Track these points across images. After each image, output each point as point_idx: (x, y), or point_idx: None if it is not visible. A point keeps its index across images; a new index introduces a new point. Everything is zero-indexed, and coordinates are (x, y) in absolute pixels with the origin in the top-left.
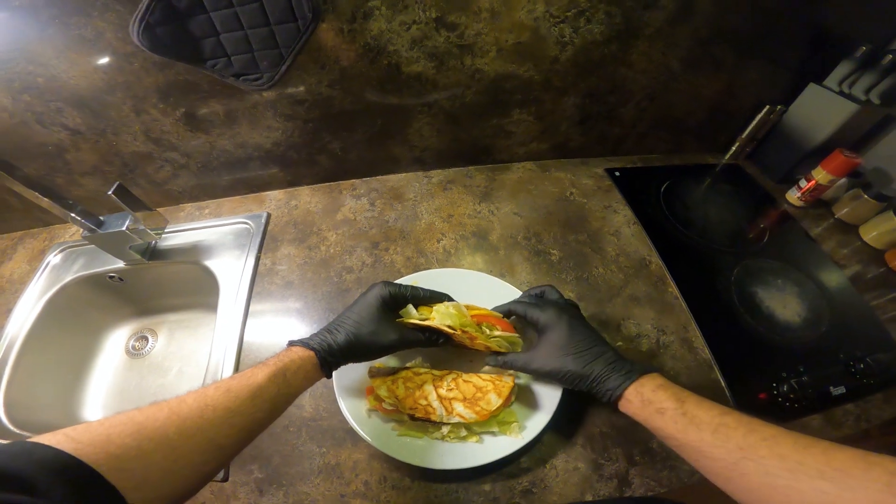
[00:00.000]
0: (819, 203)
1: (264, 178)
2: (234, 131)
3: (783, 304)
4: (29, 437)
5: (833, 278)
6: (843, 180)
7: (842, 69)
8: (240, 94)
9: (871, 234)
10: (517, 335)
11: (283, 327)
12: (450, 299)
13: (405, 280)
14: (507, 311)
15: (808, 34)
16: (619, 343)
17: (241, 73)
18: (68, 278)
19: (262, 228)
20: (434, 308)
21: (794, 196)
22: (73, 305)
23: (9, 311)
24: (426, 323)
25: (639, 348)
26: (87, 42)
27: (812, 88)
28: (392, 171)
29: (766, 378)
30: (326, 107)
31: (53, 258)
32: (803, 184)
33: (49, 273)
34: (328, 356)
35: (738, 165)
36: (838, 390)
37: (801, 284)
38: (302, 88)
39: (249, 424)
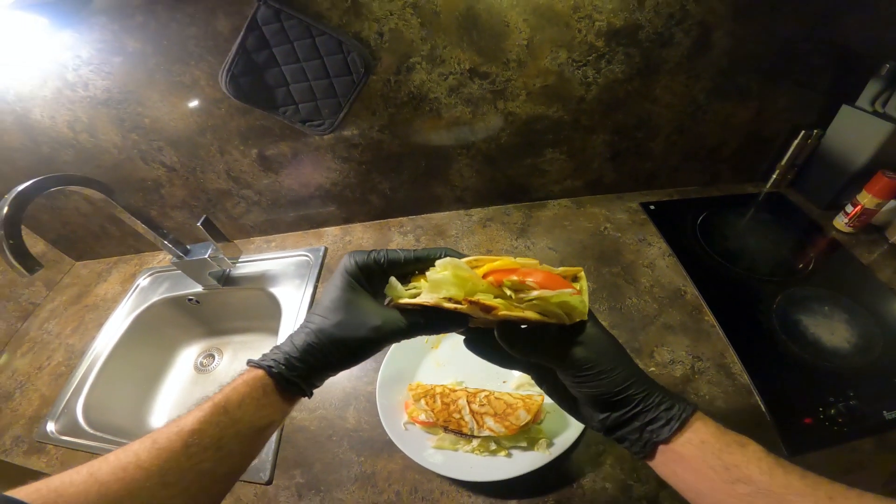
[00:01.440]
0: (871, 228)
1: (323, 216)
2: (299, 171)
3: (830, 331)
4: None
5: (887, 303)
6: (894, 203)
7: (871, 88)
8: (304, 138)
9: None
10: (576, 291)
11: None
12: (450, 255)
13: None
14: None
15: (831, 55)
16: (653, 369)
17: (307, 119)
18: (154, 299)
19: (320, 261)
20: (426, 275)
21: (841, 222)
22: (156, 323)
23: (100, 325)
24: (416, 301)
25: (672, 374)
26: (185, 88)
27: (846, 110)
28: (435, 210)
29: (812, 403)
30: (377, 150)
31: (143, 281)
32: (849, 209)
33: (138, 294)
34: (288, 371)
35: (781, 194)
36: (892, 414)
37: (850, 311)
38: (356, 132)
39: (194, 478)
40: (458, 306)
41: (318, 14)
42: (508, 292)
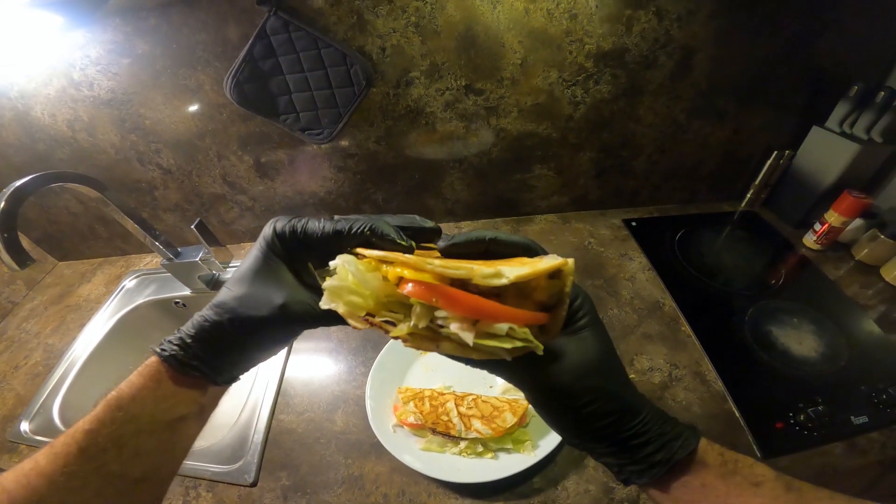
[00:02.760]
0: (838, 246)
1: None
2: (295, 179)
3: (799, 341)
4: None
5: (852, 316)
6: (860, 221)
7: (840, 110)
8: (302, 146)
9: (893, 273)
10: (524, 321)
11: (322, 364)
12: (376, 233)
13: None
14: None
15: (804, 78)
16: (632, 376)
17: (307, 127)
18: (140, 301)
19: None
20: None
21: (810, 240)
22: (139, 325)
23: (82, 326)
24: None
25: (651, 381)
26: (190, 92)
27: (816, 131)
28: None
29: (783, 408)
30: (372, 160)
31: (128, 283)
32: (818, 227)
33: (122, 296)
34: (181, 352)
35: (755, 212)
36: (860, 419)
37: (818, 323)
38: (353, 143)
39: (103, 482)
40: (358, 325)
41: (325, 27)
42: (414, 319)
